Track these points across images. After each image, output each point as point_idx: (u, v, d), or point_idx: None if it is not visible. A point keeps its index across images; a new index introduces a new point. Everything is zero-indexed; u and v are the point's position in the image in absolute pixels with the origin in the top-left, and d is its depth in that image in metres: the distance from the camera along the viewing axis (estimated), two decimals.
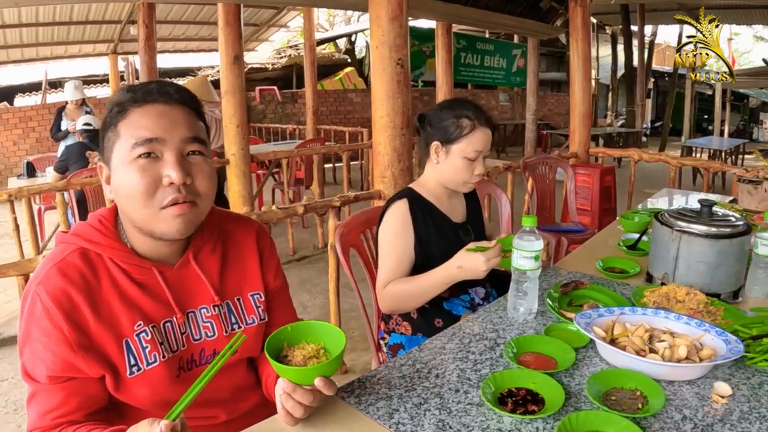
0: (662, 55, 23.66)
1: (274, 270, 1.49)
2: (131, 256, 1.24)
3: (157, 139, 1.16)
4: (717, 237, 1.83)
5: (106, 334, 1.18)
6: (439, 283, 1.90)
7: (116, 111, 1.19)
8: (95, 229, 1.25)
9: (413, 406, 1.26)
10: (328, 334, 1.24)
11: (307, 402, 1.14)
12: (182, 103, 1.23)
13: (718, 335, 1.43)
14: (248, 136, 5.56)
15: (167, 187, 1.16)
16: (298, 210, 3.21)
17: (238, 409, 1.42)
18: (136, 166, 1.15)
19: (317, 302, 4.58)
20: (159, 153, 1.16)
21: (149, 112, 1.18)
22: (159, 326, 1.26)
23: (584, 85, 5.68)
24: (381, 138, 3.34)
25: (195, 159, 1.22)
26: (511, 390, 1.28)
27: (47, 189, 4.38)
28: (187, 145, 1.20)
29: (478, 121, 2.01)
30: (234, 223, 1.47)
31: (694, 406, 1.24)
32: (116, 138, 1.18)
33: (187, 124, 1.21)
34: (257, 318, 1.41)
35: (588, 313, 1.54)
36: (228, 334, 1.35)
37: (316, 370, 1.12)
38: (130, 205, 1.18)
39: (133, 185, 1.15)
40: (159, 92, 1.20)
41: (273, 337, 1.21)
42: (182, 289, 1.30)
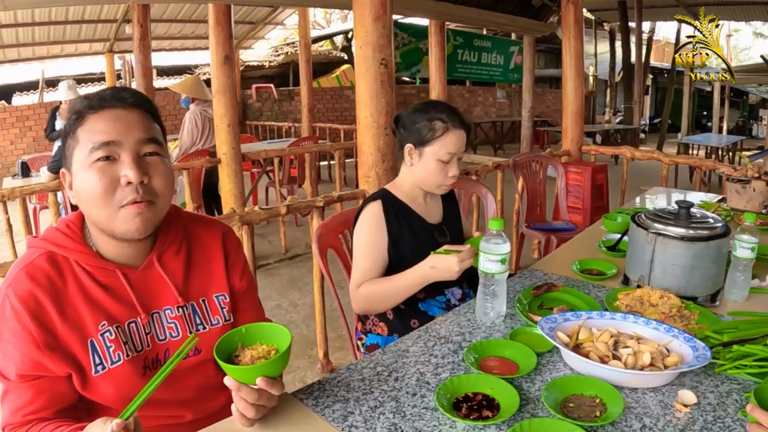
0: (661, 51, 23.61)
1: (239, 271, 1.50)
2: (96, 258, 1.28)
3: (113, 141, 1.19)
4: (693, 239, 1.81)
5: (72, 334, 1.22)
6: (412, 284, 1.90)
7: (74, 119, 1.23)
8: (62, 233, 1.29)
9: (368, 409, 1.26)
10: (280, 335, 1.25)
11: (252, 400, 1.15)
12: (137, 106, 1.26)
13: (686, 341, 1.41)
14: (239, 135, 5.54)
15: (125, 187, 1.19)
16: (281, 210, 3.19)
17: (204, 409, 1.43)
18: (95, 168, 1.18)
19: (307, 301, 4.56)
20: (116, 155, 1.20)
21: (105, 116, 1.21)
22: (123, 326, 1.29)
23: (576, 82, 5.66)
24: (365, 138, 3.33)
25: (152, 159, 1.25)
26: (467, 395, 1.27)
27: (39, 189, 4.36)
28: (143, 146, 1.23)
29: (451, 123, 2.00)
30: (200, 225, 1.49)
31: (655, 415, 1.22)
32: (75, 144, 1.22)
33: (142, 126, 1.24)
34: (222, 319, 1.43)
35: (554, 317, 1.53)
36: (192, 334, 1.35)
37: (258, 368, 1.13)
38: (91, 206, 1.22)
39: (93, 187, 1.18)
40: (113, 98, 1.24)
41: (226, 337, 1.22)
42: (146, 291, 1.33)
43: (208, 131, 6.01)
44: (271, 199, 7.60)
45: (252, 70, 14.80)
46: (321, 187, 8.13)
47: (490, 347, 1.50)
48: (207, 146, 5.99)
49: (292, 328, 4.06)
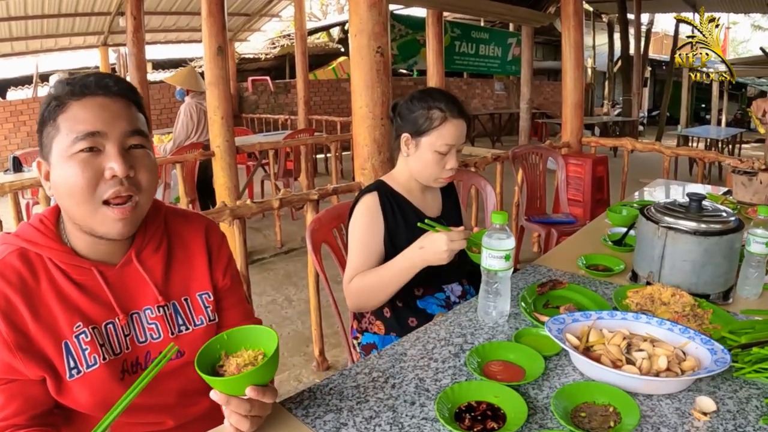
0: (659, 43, 23.55)
1: (223, 268, 1.43)
2: (70, 256, 1.21)
3: (98, 132, 1.12)
4: (705, 234, 1.72)
5: (45, 335, 1.15)
6: (402, 270, 1.80)
7: (54, 105, 1.14)
8: (35, 228, 1.21)
9: (363, 420, 1.16)
10: (265, 337, 1.15)
11: (245, 412, 1.06)
12: (122, 95, 1.19)
13: (703, 343, 1.32)
14: (233, 128, 5.44)
15: (109, 180, 1.13)
16: (273, 204, 3.09)
17: (186, 414, 1.35)
18: (77, 160, 1.11)
19: (303, 296, 4.47)
20: (101, 146, 1.13)
21: (89, 105, 1.14)
22: (100, 328, 1.21)
23: (576, 73, 5.56)
24: (360, 129, 3.23)
25: (137, 152, 1.18)
26: (470, 404, 1.18)
27: (30, 184, 4.25)
28: (129, 138, 1.16)
29: (450, 113, 1.90)
30: (182, 220, 1.41)
31: (672, 424, 1.13)
32: (55, 132, 1.13)
33: (128, 117, 1.17)
34: (206, 319, 1.36)
35: (562, 318, 1.43)
36: (175, 335, 1.30)
37: (245, 378, 1.03)
38: (70, 200, 1.14)
39: (74, 180, 1.11)
40: (98, 85, 1.16)
41: (207, 347, 1.12)
42: (124, 290, 1.26)
43: (203, 124, 5.93)
44: (267, 193, 7.51)
45: (248, 62, 14.71)
46: (317, 180, 8.05)
47: (494, 350, 1.40)
48: (202, 139, 5.91)
49: (287, 324, 3.97)
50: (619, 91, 17.10)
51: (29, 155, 6.38)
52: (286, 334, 3.82)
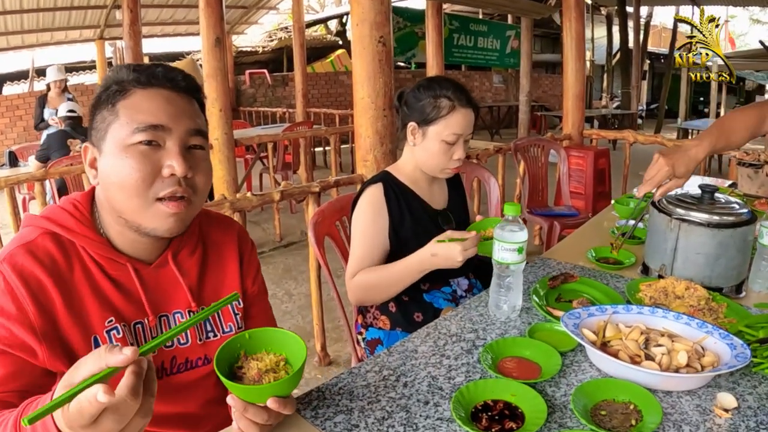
0: (658, 36, 23.50)
1: (253, 275, 1.39)
2: (106, 248, 1.14)
3: (162, 126, 1.07)
4: (719, 226, 1.68)
5: (75, 326, 1.08)
6: (411, 272, 1.76)
7: (115, 89, 1.08)
8: (69, 213, 1.14)
9: (375, 422, 1.11)
10: (290, 343, 1.09)
11: (261, 421, 1.01)
12: (189, 92, 1.15)
13: (721, 338, 1.28)
14: (231, 120, 5.40)
15: (167, 178, 1.07)
16: (274, 197, 3.05)
17: (205, 424, 1.29)
18: (135, 152, 1.05)
19: (303, 290, 4.45)
20: (161, 141, 1.08)
21: (155, 96, 1.09)
22: (129, 326, 1.15)
23: (577, 65, 5.52)
24: (362, 120, 3.18)
25: (197, 153, 1.14)
26: (486, 403, 1.13)
27: (25, 179, 4.21)
28: (191, 137, 1.12)
29: (458, 102, 1.86)
30: (214, 223, 1.37)
31: (694, 422, 1.09)
32: (113, 119, 1.07)
33: (192, 114, 1.13)
34: (235, 326, 1.31)
35: (577, 313, 1.38)
36: (202, 342, 1.25)
37: (269, 389, 0.97)
38: (121, 193, 1.07)
39: (129, 172, 1.05)
40: (165, 77, 1.12)
41: (227, 344, 1.06)
42: (158, 291, 1.21)
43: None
44: (265, 186, 7.48)
45: (245, 55, 14.66)
46: (316, 173, 7.99)
47: (508, 347, 1.35)
48: None
49: (288, 319, 3.93)
50: (617, 84, 17.08)
51: (25, 150, 6.36)
52: (286, 328, 3.77)
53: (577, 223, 4.17)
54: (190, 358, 1.24)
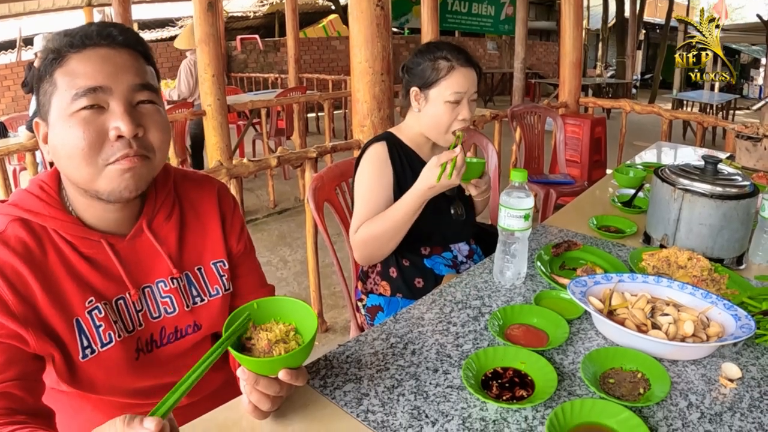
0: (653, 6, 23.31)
1: (237, 233, 1.34)
2: (77, 227, 1.10)
3: (101, 87, 1.00)
4: (723, 197, 1.67)
5: (56, 311, 1.04)
6: (409, 206, 1.75)
7: (51, 58, 1.02)
8: (36, 197, 1.09)
9: (385, 390, 1.10)
10: (300, 312, 1.07)
11: (273, 393, 0.99)
12: (128, 46, 1.06)
13: (726, 309, 1.28)
14: (225, 86, 5.33)
15: (115, 141, 1.01)
16: (271, 162, 3.02)
17: (201, 391, 1.27)
18: (78, 119, 0.99)
19: (298, 257, 4.43)
20: (104, 103, 1.01)
21: (90, 57, 1.01)
22: (111, 304, 1.12)
23: (575, 33, 5.46)
24: (360, 85, 3.13)
25: (146, 108, 1.06)
26: (496, 370, 1.13)
27: (15, 150, 4.13)
28: (137, 93, 1.04)
29: (456, 62, 1.84)
30: (192, 183, 1.31)
31: (700, 391, 1.10)
32: (53, 89, 1.01)
33: (135, 69, 1.05)
34: (221, 288, 1.27)
35: (583, 280, 1.38)
36: (190, 308, 1.22)
37: (281, 361, 0.96)
38: (72, 164, 1.02)
39: (75, 141, 0.99)
40: (100, 35, 1.03)
41: (235, 315, 1.03)
42: (135, 263, 1.16)
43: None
44: (258, 152, 7.41)
45: (236, 21, 14.46)
46: (309, 138, 7.93)
47: (515, 314, 1.35)
48: (194, 98, 5.89)
49: (283, 286, 3.93)
50: (612, 52, 16.99)
51: (14, 120, 6.23)
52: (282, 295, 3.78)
53: (573, 191, 4.17)
54: (180, 327, 1.21)
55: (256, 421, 1.03)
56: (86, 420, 1.17)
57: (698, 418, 1.02)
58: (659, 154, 3.71)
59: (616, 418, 0.98)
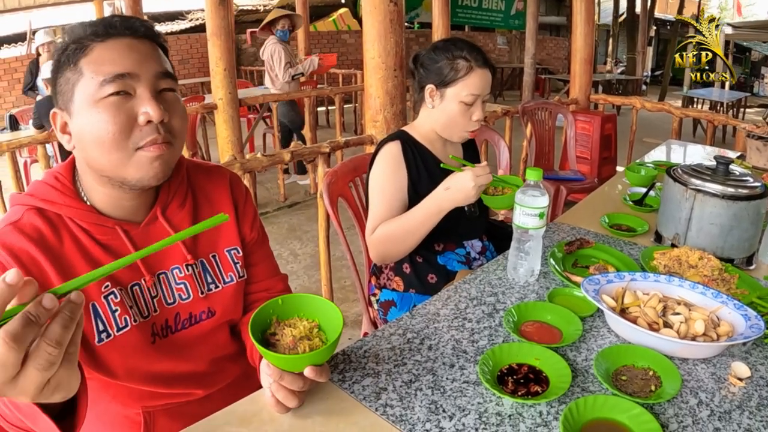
0: (664, 2, 23.19)
1: (250, 221, 1.37)
2: (92, 214, 1.12)
3: (129, 74, 1.03)
4: (734, 198, 1.69)
5: None
6: (428, 213, 1.77)
7: (74, 48, 1.04)
8: (51, 186, 1.12)
9: (403, 384, 1.13)
10: (324, 310, 1.09)
11: (297, 388, 1.02)
12: (149, 37, 1.10)
13: (736, 308, 1.30)
14: (236, 80, 5.35)
15: (144, 126, 1.04)
16: (284, 157, 3.04)
17: (217, 382, 1.30)
18: (107, 104, 1.02)
19: (308, 250, 4.47)
20: (131, 90, 1.04)
21: (115, 46, 1.04)
22: (126, 289, 1.14)
23: (586, 29, 5.46)
24: (372, 80, 3.15)
25: (169, 95, 1.10)
26: (511, 366, 1.15)
27: (27, 143, 4.16)
28: (160, 80, 1.08)
29: (475, 62, 1.86)
30: (204, 173, 1.34)
31: (710, 389, 1.12)
32: (78, 77, 1.03)
33: (157, 58, 1.09)
34: (236, 276, 1.30)
35: (596, 279, 1.40)
36: (204, 295, 1.24)
37: (308, 358, 0.98)
38: (99, 150, 1.04)
39: (105, 126, 1.02)
40: (123, 26, 1.07)
41: (260, 311, 1.06)
42: None
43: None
44: (268, 146, 7.43)
45: (247, 14, 14.43)
46: (319, 132, 7.95)
47: (530, 311, 1.37)
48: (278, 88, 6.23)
49: (293, 279, 3.96)
50: (622, 48, 16.91)
51: (26, 113, 6.26)
52: (292, 289, 3.82)
53: (583, 188, 4.18)
54: (194, 313, 1.23)
55: (275, 413, 1.05)
56: (104, 410, 1.20)
57: (708, 416, 1.04)
58: (669, 152, 3.71)
59: (629, 413, 1.00)
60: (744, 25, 14.26)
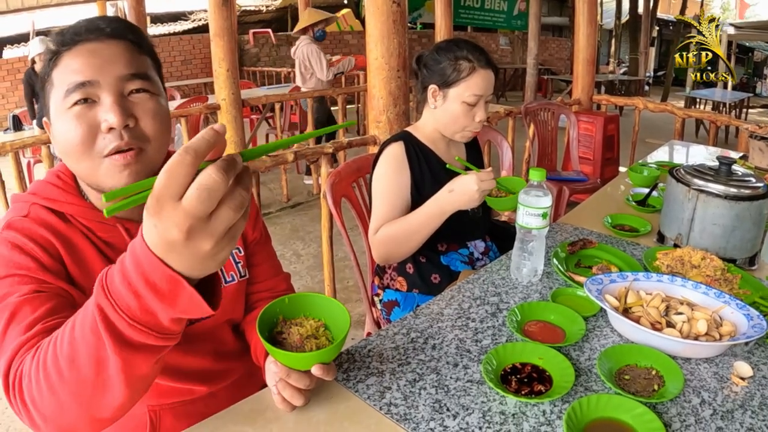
0: (667, 2, 23.17)
1: (253, 220, 1.36)
2: (94, 212, 1.11)
3: (89, 81, 1.00)
4: (737, 198, 1.69)
5: (85, 283, 1.05)
6: (432, 215, 1.78)
7: (48, 59, 1.04)
8: (53, 185, 1.12)
9: (407, 383, 1.13)
10: (330, 309, 1.10)
11: (304, 386, 1.03)
12: (116, 36, 1.06)
13: (738, 308, 1.30)
14: (239, 80, 5.36)
15: (107, 133, 1.01)
16: (287, 157, 3.05)
17: (221, 379, 1.30)
18: (71, 114, 1.01)
19: (311, 251, 4.47)
20: (95, 97, 1.02)
21: (79, 53, 1.02)
22: None
23: (589, 29, 5.45)
24: (375, 81, 3.15)
25: (138, 97, 1.05)
26: (515, 366, 1.16)
27: (31, 143, 4.16)
28: (127, 83, 1.04)
29: (478, 63, 1.86)
30: None
31: (713, 389, 1.12)
32: (50, 88, 1.04)
33: (124, 60, 1.04)
34: (237, 275, 1.30)
35: (599, 279, 1.41)
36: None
37: (316, 356, 0.99)
38: (69, 158, 1.05)
39: (69, 136, 1.01)
40: (88, 30, 1.04)
41: (267, 309, 1.06)
42: None
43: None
44: None
45: (249, 14, 14.48)
46: None
47: (533, 311, 1.38)
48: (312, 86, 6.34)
49: (296, 280, 3.97)
50: (624, 49, 16.90)
51: (28, 113, 6.28)
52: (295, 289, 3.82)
53: (586, 189, 4.18)
54: None
55: (281, 412, 1.06)
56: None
57: (710, 415, 1.04)
58: (672, 152, 3.71)
59: (632, 413, 1.01)
60: (747, 25, 14.25)
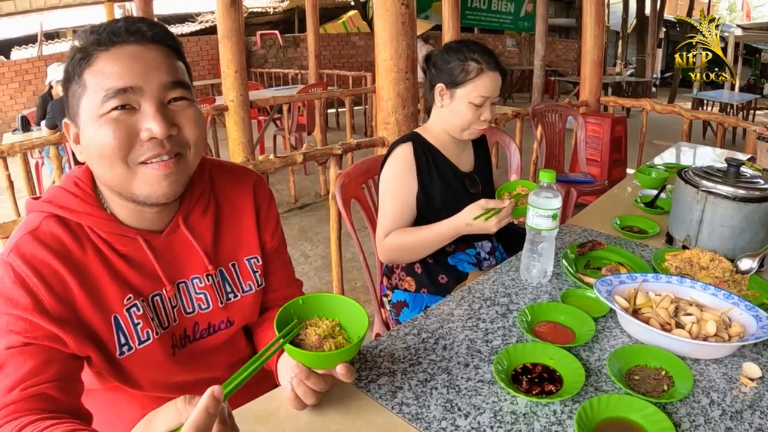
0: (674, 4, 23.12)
1: (272, 229, 1.33)
2: (113, 224, 1.08)
3: (131, 88, 0.97)
4: (745, 200, 1.70)
5: (94, 309, 1.04)
6: (444, 236, 1.84)
7: (79, 58, 0.99)
8: (71, 194, 1.08)
9: (418, 383, 1.14)
10: (344, 308, 1.11)
11: (320, 389, 1.03)
12: (157, 41, 1.03)
13: (747, 310, 1.31)
14: (247, 82, 5.38)
15: (147, 142, 0.99)
16: (296, 159, 3.06)
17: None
18: (108, 120, 0.97)
19: (318, 251, 4.49)
20: (135, 104, 0.99)
21: (119, 56, 0.98)
22: (148, 300, 1.12)
23: (596, 31, 5.45)
24: (384, 83, 3.16)
25: (178, 106, 1.03)
26: (525, 366, 1.17)
27: (40, 144, 4.19)
28: (169, 91, 1.01)
29: (486, 65, 1.88)
30: (229, 175, 1.29)
31: (722, 389, 1.13)
32: (82, 91, 0.99)
33: (166, 66, 1.02)
34: (254, 284, 1.28)
35: (608, 280, 1.42)
36: (223, 305, 1.22)
37: (337, 355, 0.99)
38: (102, 165, 1.00)
39: (105, 141, 0.97)
40: (128, 31, 1.00)
41: (282, 311, 1.06)
42: (171, 259, 1.15)
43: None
44: (278, 148, 7.45)
45: (256, 16, 14.52)
46: (329, 134, 7.97)
47: (543, 311, 1.39)
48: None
49: (305, 281, 3.93)
50: (632, 50, 16.87)
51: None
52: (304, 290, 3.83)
53: (593, 191, 4.18)
54: (213, 323, 1.22)
55: (292, 412, 1.06)
56: (130, 420, 1.21)
57: (720, 415, 1.05)
58: (679, 154, 3.71)
59: (642, 413, 1.02)
60: (753, 26, 14.21)
